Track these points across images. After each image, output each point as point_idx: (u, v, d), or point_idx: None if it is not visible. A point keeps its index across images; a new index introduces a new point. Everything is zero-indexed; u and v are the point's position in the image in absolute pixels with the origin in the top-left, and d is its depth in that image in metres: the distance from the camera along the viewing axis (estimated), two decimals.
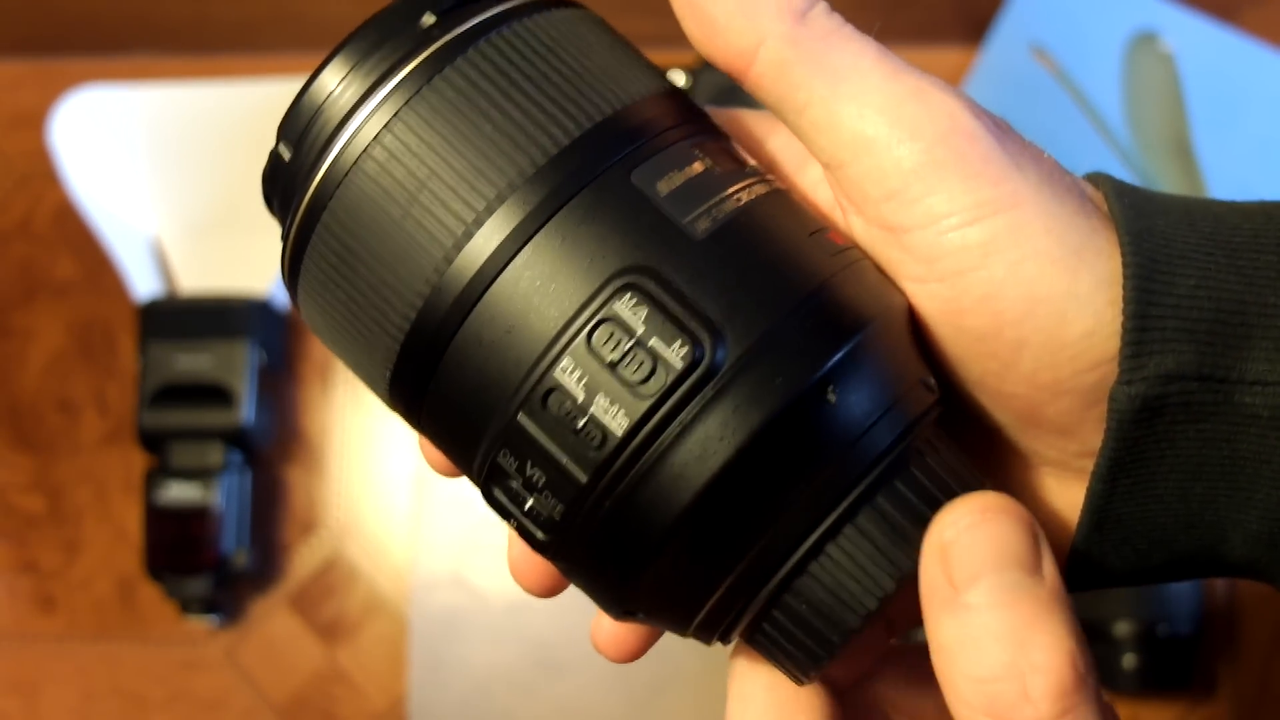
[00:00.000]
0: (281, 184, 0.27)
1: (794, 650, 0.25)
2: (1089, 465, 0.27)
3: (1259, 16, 0.74)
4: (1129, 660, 0.66)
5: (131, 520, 0.75)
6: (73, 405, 0.78)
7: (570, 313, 0.24)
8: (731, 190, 0.25)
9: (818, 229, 0.26)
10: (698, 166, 0.25)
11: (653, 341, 0.24)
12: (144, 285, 0.75)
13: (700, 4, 0.27)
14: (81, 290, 0.79)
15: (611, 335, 0.24)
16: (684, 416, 0.23)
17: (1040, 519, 0.26)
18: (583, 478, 0.24)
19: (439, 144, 0.25)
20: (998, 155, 0.25)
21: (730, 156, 0.27)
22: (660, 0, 0.26)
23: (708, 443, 0.23)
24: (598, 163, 0.25)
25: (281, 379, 0.75)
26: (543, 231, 0.25)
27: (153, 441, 0.72)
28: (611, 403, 0.24)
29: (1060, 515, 0.28)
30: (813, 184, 0.29)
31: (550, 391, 0.24)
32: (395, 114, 0.25)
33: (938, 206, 0.25)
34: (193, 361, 0.72)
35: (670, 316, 0.24)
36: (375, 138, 0.26)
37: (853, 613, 0.24)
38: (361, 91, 0.26)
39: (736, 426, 0.23)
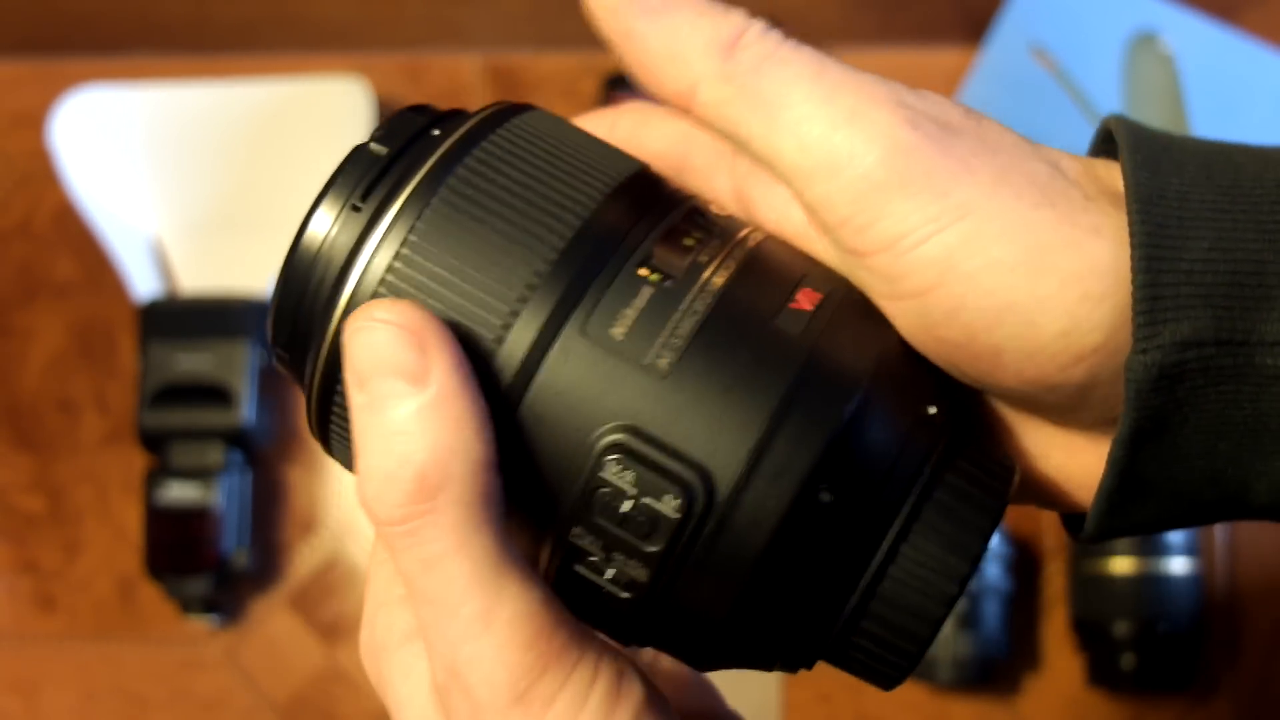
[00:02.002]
0: (291, 331, 0.27)
1: (882, 660, 0.27)
2: (1108, 429, 0.26)
3: (1259, 16, 0.74)
4: (1129, 660, 0.66)
5: (132, 520, 0.75)
6: (73, 405, 0.78)
7: (570, 490, 0.25)
8: (686, 302, 0.25)
9: (783, 302, 0.26)
10: (646, 292, 0.25)
11: (645, 500, 0.25)
12: (144, 285, 0.75)
13: (633, 49, 0.27)
14: (81, 290, 0.79)
15: (609, 501, 0.25)
16: (695, 556, 0.25)
17: (1063, 476, 0.27)
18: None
19: (449, 265, 0.25)
20: (942, 165, 0.25)
21: (680, 248, 0.26)
22: None
23: (721, 580, 0.25)
24: (558, 319, 0.25)
25: (281, 379, 0.75)
26: (521, 406, 0.25)
27: (153, 441, 0.72)
28: (627, 559, 0.25)
29: (1083, 471, 0.28)
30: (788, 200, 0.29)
31: (576, 551, 0.26)
32: (401, 243, 0.26)
33: (889, 230, 0.25)
34: (193, 361, 0.72)
35: (656, 469, 0.25)
36: (388, 268, 0.26)
37: (934, 607, 0.26)
38: (361, 227, 0.26)
39: (743, 551, 0.25)
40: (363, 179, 0.26)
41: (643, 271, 0.26)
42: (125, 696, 0.75)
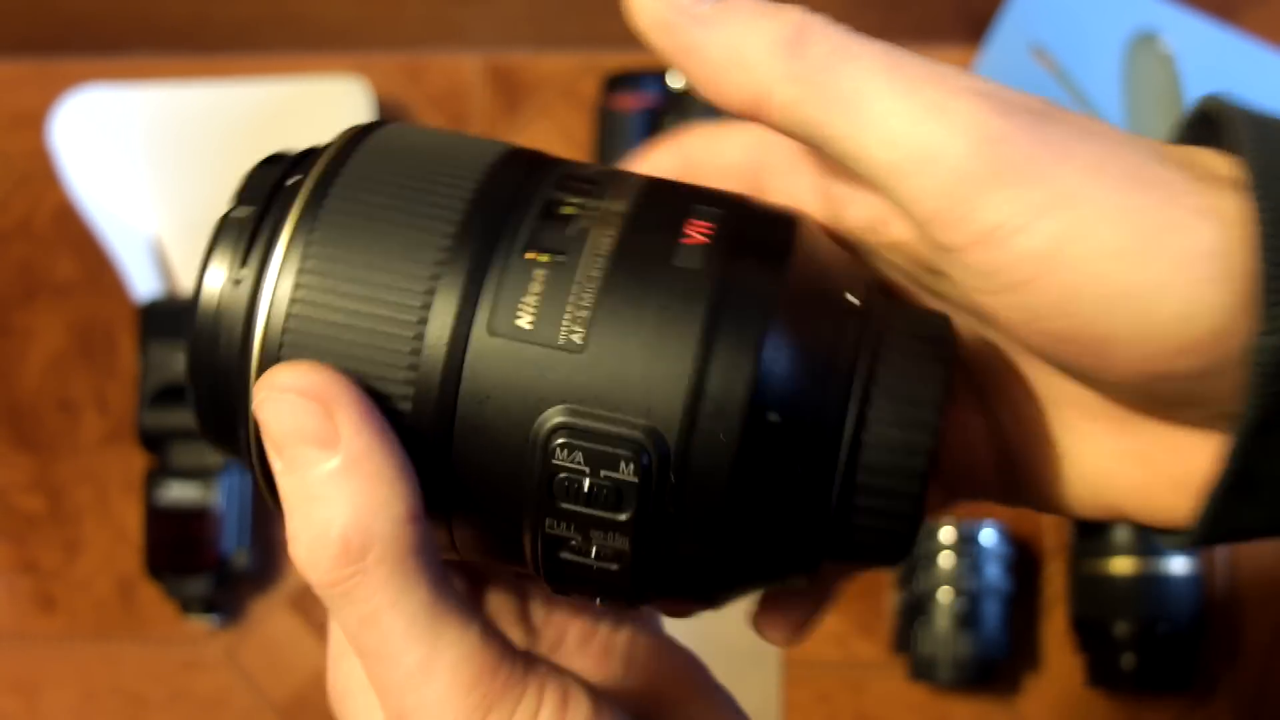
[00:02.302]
0: (216, 416, 0.27)
1: (883, 533, 0.26)
2: (1218, 424, 0.25)
3: (1259, 16, 0.74)
4: (1129, 660, 0.66)
5: (131, 520, 0.75)
6: (73, 405, 0.78)
7: (528, 486, 0.25)
8: (581, 272, 0.25)
9: (675, 240, 0.26)
10: (540, 274, 0.25)
11: (602, 473, 0.25)
12: (144, 285, 0.75)
13: (693, 63, 0.26)
14: (81, 290, 0.79)
15: (568, 485, 0.25)
16: (668, 511, 0.25)
17: (1163, 479, 0.26)
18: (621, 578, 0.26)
19: (344, 304, 0.25)
20: (1037, 152, 0.24)
21: (561, 220, 0.26)
22: None
23: (701, 524, 0.25)
24: (463, 326, 0.25)
25: None
26: (456, 422, 0.25)
27: (153, 441, 0.72)
28: (605, 534, 0.25)
29: (1185, 472, 0.27)
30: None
31: (555, 540, 0.26)
32: (291, 299, 0.25)
33: (985, 221, 0.24)
34: None
35: (602, 440, 0.25)
36: (284, 329, 0.25)
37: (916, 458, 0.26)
38: (248, 296, 0.26)
39: (712, 492, 0.25)
40: (236, 248, 0.26)
41: (530, 255, 0.25)
42: (125, 696, 0.75)
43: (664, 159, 0.30)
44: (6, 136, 0.80)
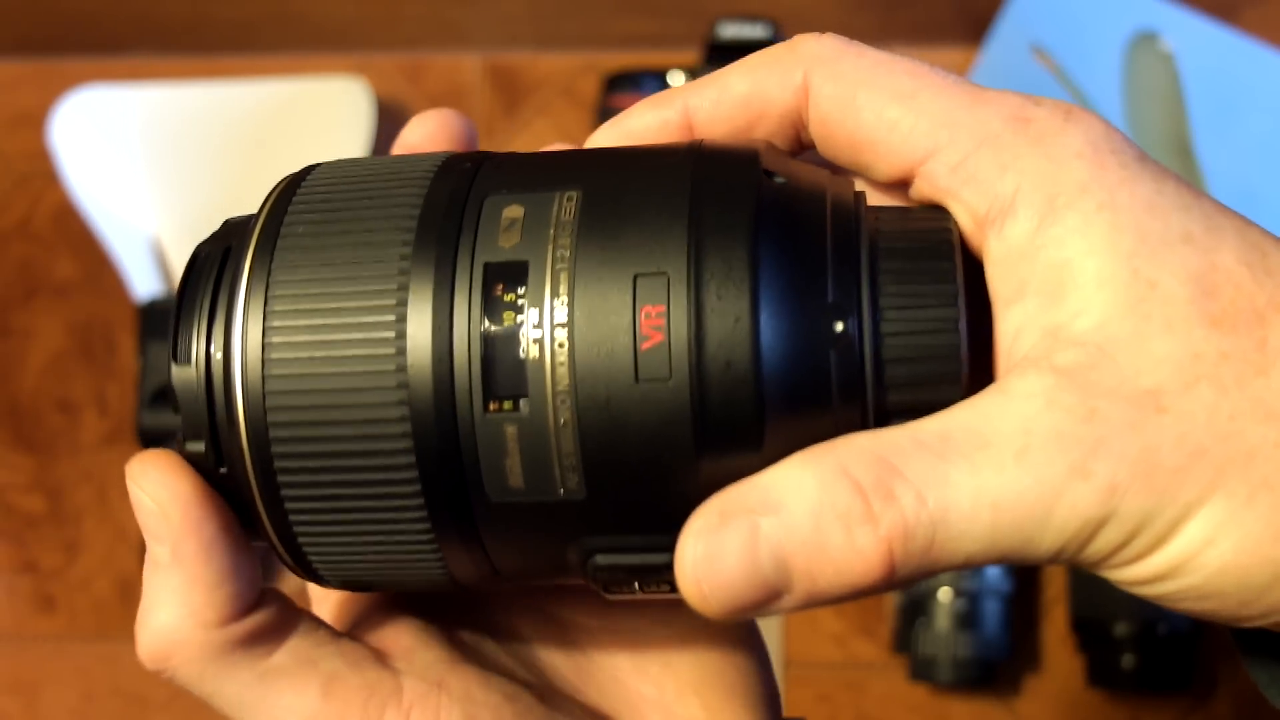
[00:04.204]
0: (215, 461, 0.27)
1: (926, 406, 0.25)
2: None
3: (1259, 16, 0.74)
4: (1129, 660, 0.66)
5: (132, 520, 0.75)
6: (73, 405, 0.78)
7: (569, 571, 0.27)
8: (551, 422, 0.24)
9: (629, 340, 0.24)
10: (510, 432, 0.25)
11: (649, 584, 0.26)
12: (144, 285, 0.75)
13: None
14: (81, 290, 0.79)
15: (614, 588, 0.26)
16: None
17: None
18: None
19: (317, 297, 0.25)
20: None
21: (506, 338, 0.25)
22: (660, 0, 0.26)
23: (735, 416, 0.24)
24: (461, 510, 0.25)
25: None
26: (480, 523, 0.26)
27: (153, 441, 0.72)
28: (659, 589, 0.26)
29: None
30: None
31: (606, 589, 0.27)
32: (264, 313, 0.25)
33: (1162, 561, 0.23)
34: None
35: (640, 566, 0.26)
36: (263, 344, 0.25)
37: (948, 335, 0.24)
38: (223, 327, 0.26)
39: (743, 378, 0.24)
40: (197, 329, 0.26)
41: (494, 408, 0.24)
42: (125, 696, 0.75)
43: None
44: (6, 136, 0.81)
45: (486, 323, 0.24)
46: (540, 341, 0.24)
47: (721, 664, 0.30)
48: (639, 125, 0.28)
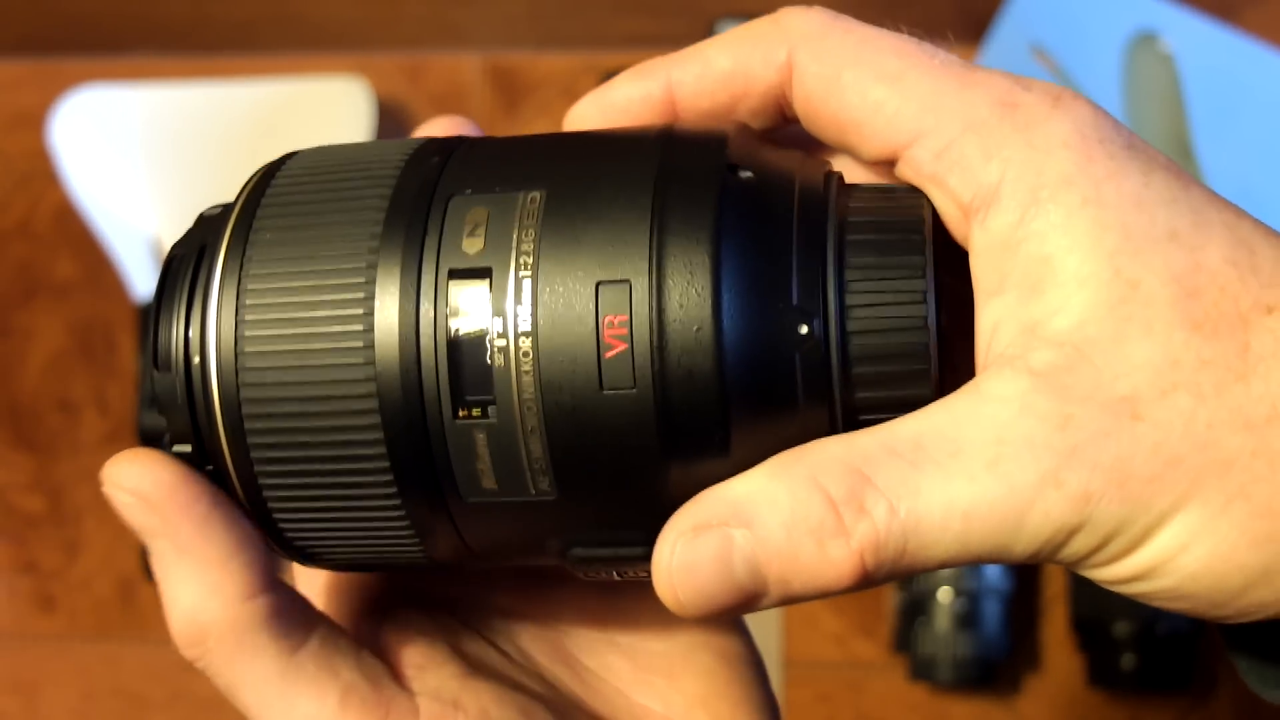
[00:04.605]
0: (201, 461, 0.27)
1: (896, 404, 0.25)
2: None
3: (1259, 16, 0.74)
4: (1129, 660, 0.66)
5: None
6: (73, 405, 0.78)
7: (547, 554, 0.27)
8: (519, 424, 0.24)
9: (592, 349, 0.24)
10: (480, 439, 0.25)
11: (625, 572, 0.27)
12: (144, 285, 0.75)
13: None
14: (81, 290, 0.79)
15: (592, 573, 0.27)
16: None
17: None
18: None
19: (287, 305, 0.25)
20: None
21: (472, 345, 0.25)
22: (660, 0, 0.26)
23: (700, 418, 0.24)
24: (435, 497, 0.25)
25: None
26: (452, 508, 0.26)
27: (153, 441, 0.72)
28: (638, 572, 0.27)
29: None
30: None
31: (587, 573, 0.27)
32: (236, 321, 0.25)
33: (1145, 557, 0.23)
34: None
35: (615, 558, 0.26)
36: (236, 350, 0.25)
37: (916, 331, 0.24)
38: (199, 330, 0.26)
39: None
40: (175, 334, 0.26)
41: (462, 414, 0.24)
42: (125, 696, 0.75)
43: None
44: (6, 136, 0.80)
45: (452, 328, 0.24)
46: (505, 350, 0.24)
47: (727, 675, 0.30)
48: (621, 98, 0.28)
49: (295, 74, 0.77)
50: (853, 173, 0.27)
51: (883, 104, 0.25)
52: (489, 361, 0.24)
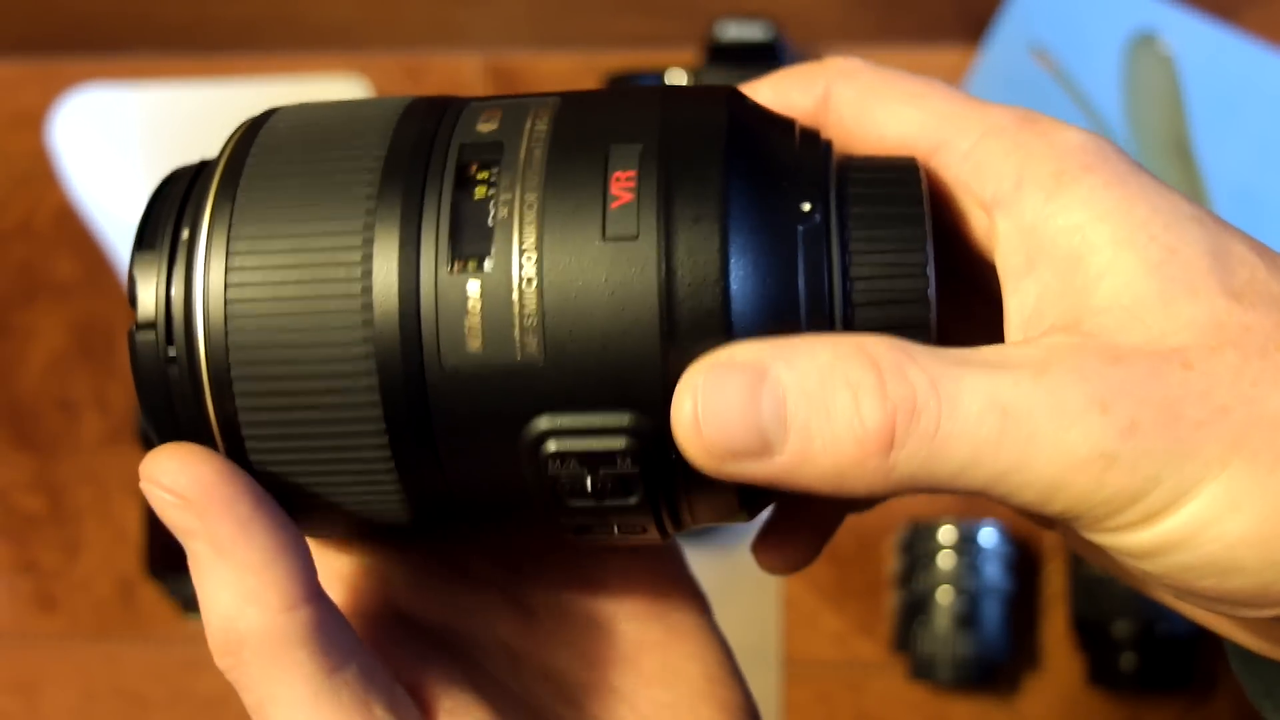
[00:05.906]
0: (172, 406, 0.26)
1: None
2: None
3: (1259, 16, 0.74)
4: (1129, 660, 0.66)
5: (131, 520, 0.75)
6: (73, 405, 0.78)
7: (527, 487, 0.25)
8: (517, 292, 0.24)
9: (598, 203, 0.24)
10: (475, 292, 0.24)
11: (601, 471, 0.25)
12: None
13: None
14: (81, 290, 0.79)
15: (570, 487, 0.25)
16: (678, 482, 0.25)
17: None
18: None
19: (281, 235, 0.25)
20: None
21: (475, 204, 0.25)
22: (660, 0, 0.26)
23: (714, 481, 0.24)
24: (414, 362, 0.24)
25: None
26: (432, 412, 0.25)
27: (153, 441, 0.72)
28: (626, 517, 0.26)
29: None
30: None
31: (585, 531, 0.26)
32: (226, 251, 0.25)
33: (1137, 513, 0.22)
34: None
35: (593, 444, 0.24)
36: (225, 284, 0.25)
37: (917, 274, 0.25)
38: (183, 266, 0.25)
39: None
40: (160, 258, 0.26)
41: (459, 266, 0.24)
42: (125, 696, 0.75)
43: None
44: (6, 136, 0.80)
45: (458, 195, 0.24)
46: (510, 203, 0.24)
47: (721, 682, 0.31)
48: None
49: (295, 74, 0.77)
50: None
51: (908, 118, 0.27)
52: (491, 223, 0.24)
